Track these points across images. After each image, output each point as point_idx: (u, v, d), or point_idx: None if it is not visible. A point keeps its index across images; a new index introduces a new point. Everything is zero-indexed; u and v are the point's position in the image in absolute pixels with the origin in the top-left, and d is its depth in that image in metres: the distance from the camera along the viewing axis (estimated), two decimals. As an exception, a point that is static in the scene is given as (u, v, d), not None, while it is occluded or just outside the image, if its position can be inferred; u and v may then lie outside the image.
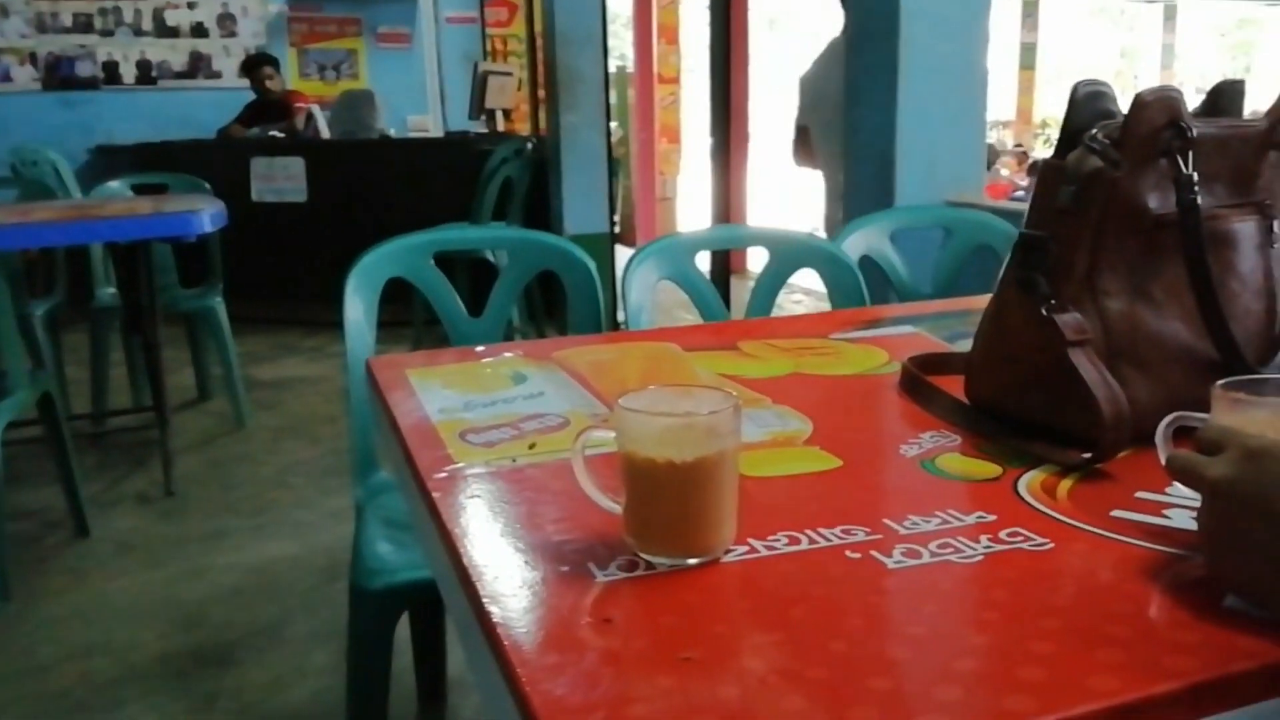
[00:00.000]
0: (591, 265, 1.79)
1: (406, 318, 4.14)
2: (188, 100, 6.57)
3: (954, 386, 1.02)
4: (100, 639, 2.21)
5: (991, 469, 0.87)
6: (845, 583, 0.67)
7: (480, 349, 1.33)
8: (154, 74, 6.64)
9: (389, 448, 1.05)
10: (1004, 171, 8.45)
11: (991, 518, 0.76)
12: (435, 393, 1.10)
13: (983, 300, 1.00)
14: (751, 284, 1.93)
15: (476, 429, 0.98)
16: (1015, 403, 0.95)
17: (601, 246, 4.85)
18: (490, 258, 4.08)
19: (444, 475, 0.86)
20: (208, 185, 3.68)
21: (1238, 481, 0.61)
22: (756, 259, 1.91)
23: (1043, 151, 8.32)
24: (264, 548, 2.67)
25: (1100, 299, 0.91)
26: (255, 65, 5.86)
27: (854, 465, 0.89)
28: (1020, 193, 7.28)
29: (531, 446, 0.93)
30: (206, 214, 2.90)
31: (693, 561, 0.69)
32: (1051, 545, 0.71)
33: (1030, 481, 0.84)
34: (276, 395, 4.11)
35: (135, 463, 3.28)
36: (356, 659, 1.51)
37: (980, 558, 0.69)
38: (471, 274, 3.58)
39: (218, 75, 6.72)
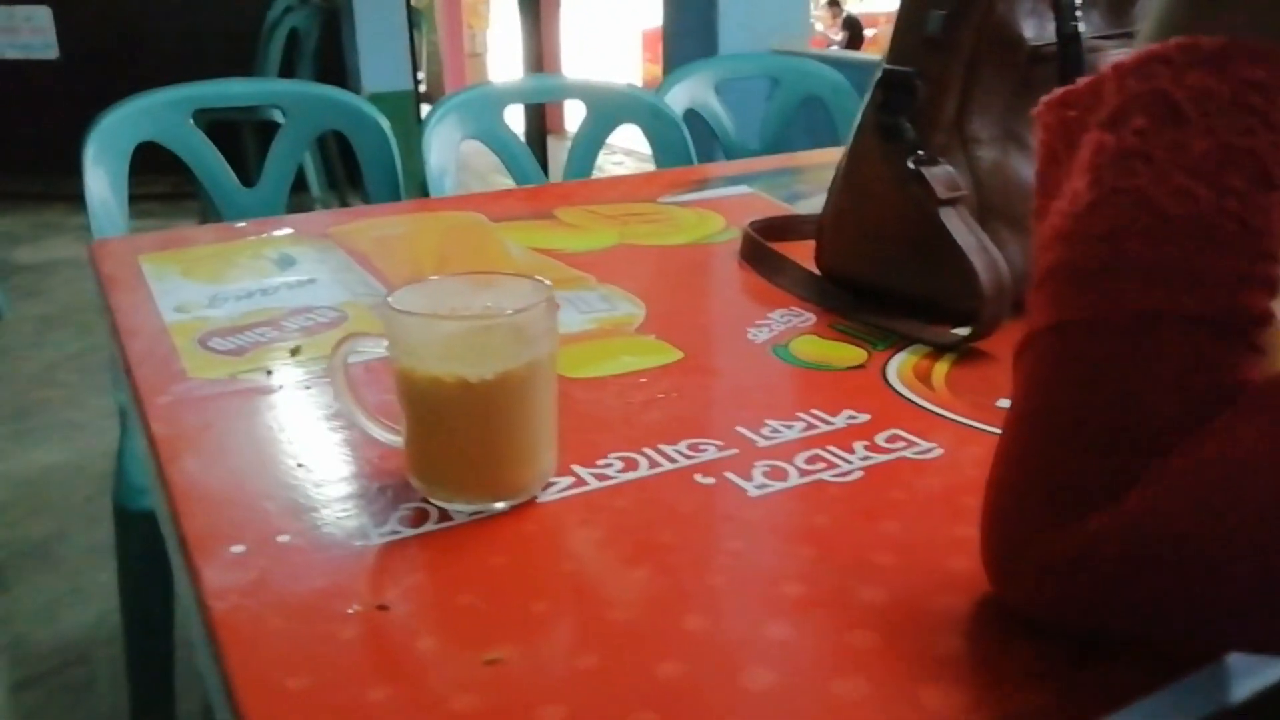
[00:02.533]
0: (385, 124, 1.57)
1: (191, 189, 3.71)
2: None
3: (803, 254, 0.88)
4: None
5: (855, 353, 0.74)
6: (697, 521, 0.52)
7: (242, 225, 1.10)
8: None
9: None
10: (818, 26, 8.37)
11: (864, 418, 0.63)
12: (173, 284, 0.87)
13: (816, 156, 0.87)
14: (569, 144, 1.74)
15: (223, 331, 0.77)
16: (876, 272, 0.82)
17: (404, 105, 4.50)
18: (280, 120, 3.68)
19: (169, 399, 0.65)
20: (-75, 37, 3.13)
21: None
22: (574, 118, 1.73)
23: (856, 6, 8.26)
24: (30, 455, 2.36)
25: (971, 147, 0.79)
26: None
27: (696, 356, 0.74)
28: (834, 48, 7.23)
29: (295, 352, 0.74)
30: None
31: (500, 506, 0.52)
32: (939, 451, 0.59)
33: (901, 367, 0.71)
34: (39, 281, 3.64)
35: None
36: (127, 583, 1.33)
37: (859, 474, 0.56)
38: (260, 139, 3.22)
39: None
